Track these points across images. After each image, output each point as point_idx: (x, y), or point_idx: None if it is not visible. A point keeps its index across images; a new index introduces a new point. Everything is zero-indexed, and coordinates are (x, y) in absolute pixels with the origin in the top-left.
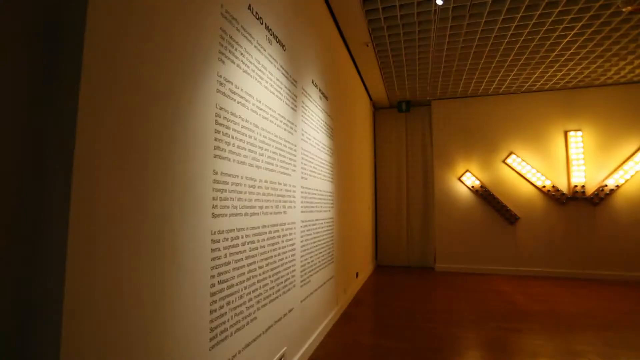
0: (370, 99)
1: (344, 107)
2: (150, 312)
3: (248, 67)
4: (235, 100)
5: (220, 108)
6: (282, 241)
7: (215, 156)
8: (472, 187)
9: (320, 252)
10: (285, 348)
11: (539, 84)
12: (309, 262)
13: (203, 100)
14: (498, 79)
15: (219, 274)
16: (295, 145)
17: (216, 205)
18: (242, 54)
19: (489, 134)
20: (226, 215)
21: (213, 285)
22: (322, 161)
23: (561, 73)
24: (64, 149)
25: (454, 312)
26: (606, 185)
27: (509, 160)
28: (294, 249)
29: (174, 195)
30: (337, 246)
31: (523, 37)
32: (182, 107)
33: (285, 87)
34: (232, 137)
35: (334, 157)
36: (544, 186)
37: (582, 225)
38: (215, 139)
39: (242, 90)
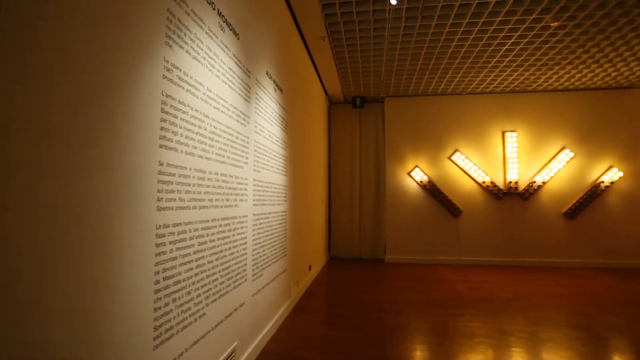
0: (326, 93)
1: (299, 101)
2: (88, 314)
3: (198, 53)
4: (183, 88)
5: (167, 95)
6: (233, 235)
7: (160, 146)
8: (421, 182)
9: (273, 246)
10: (235, 343)
11: (482, 86)
12: (261, 256)
13: (147, 87)
14: (446, 80)
15: (164, 270)
16: (248, 138)
17: (161, 198)
18: (191, 39)
19: (437, 131)
20: (172, 208)
21: (157, 281)
22: (275, 154)
23: (500, 78)
24: None
25: (401, 301)
26: (535, 182)
27: (454, 157)
28: (246, 243)
29: (113, 189)
30: (290, 239)
31: (469, 42)
32: (124, 93)
33: (238, 77)
34: (180, 127)
35: (288, 150)
36: (484, 182)
37: (515, 217)
38: (161, 128)
39: (191, 77)
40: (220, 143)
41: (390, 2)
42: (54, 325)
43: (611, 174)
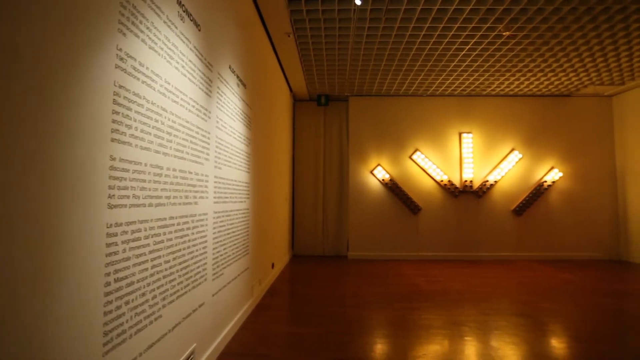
0: (291, 90)
1: (263, 96)
2: (29, 320)
3: (155, 43)
4: (139, 79)
5: (120, 86)
6: (192, 233)
7: (113, 140)
8: (383, 180)
9: (235, 244)
10: (194, 345)
11: (441, 89)
12: (222, 255)
13: (97, 76)
14: (408, 81)
15: (116, 271)
16: (209, 133)
17: (113, 195)
18: (148, 27)
19: (399, 131)
20: (126, 206)
21: (108, 283)
22: (238, 150)
23: (458, 82)
24: None
25: (363, 296)
26: (488, 181)
27: (414, 157)
28: (206, 241)
29: (57, 185)
30: (253, 237)
31: (429, 46)
32: (70, 82)
33: (199, 70)
34: (135, 120)
35: (250, 146)
36: (442, 180)
37: (469, 214)
38: (114, 121)
39: (147, 68)
40: (179, 138)
41: (355, 3)
42: None
43: (553, 174)
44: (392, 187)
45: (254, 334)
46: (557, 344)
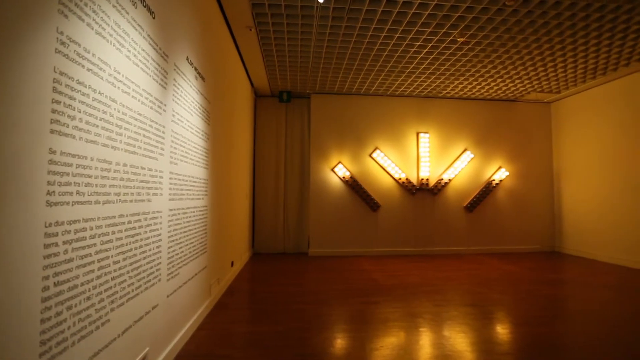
0: (252, 85)
1: (223, 91)
2: None
3: (103, 29)
4: (83, 66)
5: (61, 73)
6: (145, 232)
7: (52, 132)
8: (343, 177)
9: (192, 243)
10: (147, 349)
11: (400, 90)
12: (177, 254)
13: (34, 61)
14: (368, 81)
15: (56, 274)
16: (164, 127)
17: (53, 192)
18: (94, 11)
19: (359, 129)
20: (68, 203)
21: (46, 288)
22: (195, 146)
23: (416, 83)
24: None
25: (323, 292)
26: (442, 179)
27: (374, 155)
28: (160, 240)
29: None
30: (211, 235)
31: (389, 48)
32: None
33: (154, 61)
34: (79, 111)
35: (209, 142)
36: (400, 178)
37: (425, 211)
38: (53, 111)
39: (93, 55)
40: (130, 131)
41: (317, 0)
42: None
43: (500, 173)
44: (353, 185)
45: (212, 335)
46: (501, 329)
